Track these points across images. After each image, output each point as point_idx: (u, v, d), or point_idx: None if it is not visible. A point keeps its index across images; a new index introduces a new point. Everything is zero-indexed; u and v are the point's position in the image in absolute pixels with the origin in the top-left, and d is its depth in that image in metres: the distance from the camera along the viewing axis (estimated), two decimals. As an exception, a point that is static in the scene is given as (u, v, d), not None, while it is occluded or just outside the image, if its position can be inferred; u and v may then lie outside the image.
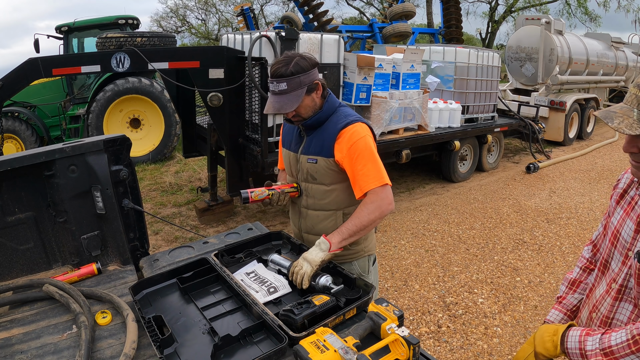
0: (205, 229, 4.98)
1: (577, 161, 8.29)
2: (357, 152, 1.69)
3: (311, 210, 1.86)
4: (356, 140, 1.70)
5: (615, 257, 1.28)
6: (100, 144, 1.86)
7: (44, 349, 1.34)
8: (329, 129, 1.76)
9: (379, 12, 21.18)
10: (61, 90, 7.97)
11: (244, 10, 10.74)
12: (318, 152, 1.77)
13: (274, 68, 1.68)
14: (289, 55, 1.70)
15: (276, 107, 1.68)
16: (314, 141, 1.79)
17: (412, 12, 11.13)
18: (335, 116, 1.78)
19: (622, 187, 1.32)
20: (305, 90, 1.69)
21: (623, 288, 1.22)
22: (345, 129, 1.72)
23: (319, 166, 1.77)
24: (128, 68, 3.98)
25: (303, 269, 1.54)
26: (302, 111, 1.72)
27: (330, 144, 1.74)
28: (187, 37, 25.07)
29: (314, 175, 1.80)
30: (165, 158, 7.99)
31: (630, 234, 1.21)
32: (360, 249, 1.94)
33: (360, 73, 4.84)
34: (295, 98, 1.67)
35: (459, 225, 5.14)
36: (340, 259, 1.91)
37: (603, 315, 1.27)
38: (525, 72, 9.89)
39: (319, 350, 1.10)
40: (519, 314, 3.36)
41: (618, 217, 1.28)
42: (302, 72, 1.66)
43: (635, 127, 1.06)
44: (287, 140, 1.94)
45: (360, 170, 1.69)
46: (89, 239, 1.89)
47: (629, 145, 1.12)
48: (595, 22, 21.85)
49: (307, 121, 1.76)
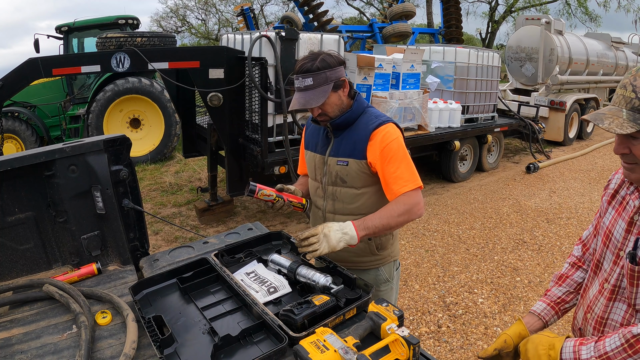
0: (205, 229, 4.99)
1: (577, 161, 8.29)
2: (390, 153, 1.64)
3: (339, 215, 1.78)
4: (390, 141, 1.65)
5: (607, 257, 1.28)
6: (100, 144, 1.85)
7: (44, 349, 1.34)
8: (359, 129, 1.70)
9: (379, 12, 21.18)
10: (61, 90, 7.97)
11: (244, 10, 10.75)
12: (349, 153, 1.70)
13: (300, 64, 1.64)
14: (315, 52, 1.67)
15: (301, 103, 1.62)
16: (344, 142, 1.72)
17: (412, 12, 11.13)
18: (365, 116, 1.72)
19: (614, 187, 1.33)
20: (332, 86, 1.63)
21: (616, 288, 1.23)
22: (378, 129, 1.66)
23: (350, 169, 1.70)
24: (128, 68, 3.98)
25: (320, 248, 1.49)
26: (328, 109, 1.67)
27: (362, 145, 1.67)
28: (187, 37, 25.12)
29: (344, 178, 1.73)
30: (165, 158, 8.00)
31: (622, 233, 1.22)
32: (387, 254, 1.86)
33: (360, 73, 4.84)
34: (322, 93, 1.62)
35: (459, 225, 5.14)
36: (366, 265, 1.84)
37: (598, 315, 1.28)
38: (525, 72, 9.89)
39: (319, 350, 1.10)
40: (519, 314, 3.36)
41: (610, 217, 1.29)
42: (329, 68, 1.61)
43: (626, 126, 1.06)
44: (312, 142, 1.86)
45: (393, 173, 1.64)
46: (89, 239, 1.89)
47: (620, 147, 1.13)
48: (595, 22, 21.87)
49: (335, 120, 1.70)
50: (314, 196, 1.89)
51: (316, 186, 1.86)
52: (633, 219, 1.20)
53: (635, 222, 1.19)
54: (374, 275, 1.87)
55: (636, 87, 1.06)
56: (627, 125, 1.06)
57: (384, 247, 1.83)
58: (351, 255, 1.81)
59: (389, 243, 1.85)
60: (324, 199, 1.82)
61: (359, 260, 1.83)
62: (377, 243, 1.81)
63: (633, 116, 1.06)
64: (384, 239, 1.83)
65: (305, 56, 1.66)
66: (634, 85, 1.06)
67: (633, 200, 1.22)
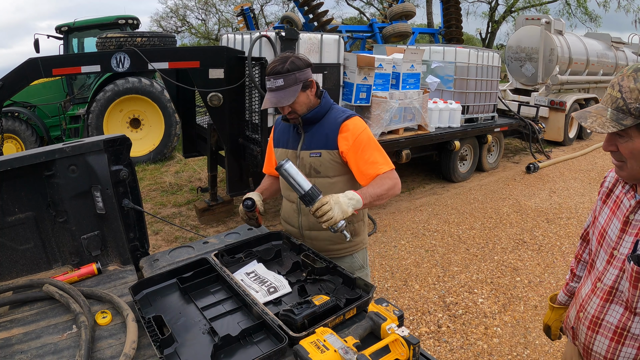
0: (205, 229, 4.99)
1: (577, 161, 8.29)
2: (362, 143, 1.78)
3: None
4: (360, 132, 1.80)
5: (600, 255, 1.29)
6: (100, 144, 1.85)
7: (44, 349, 1.34)
8: (329, 123, 1.84)
9: (379, 12, 21.17)
10: (61, 90, 7.97)
11: (244, 10, 10.74)
12: (322, 145, 1.83)
13: (271, 67, 1.77)
14: (285, 55, 1.80)
15: (273, 102, 1.75)
16: (316, 136, 1.85)
17: (412, 12, 11.12)
18: (333, 112, 1.87)
19: (608, 186, 1.35)
20: (301, 86, 1.76)
21: (614, 290, 1.23)
22: (347, 122, 1.82)
23: (323, 159, 1.83)
24: (128, 68, 3.98)
25: (334, 215, 1.56)
26: (297, 107, 1.79)
27: (333, 136, 1.82)
28: (187, 37, 25.10)
29: (318, 168, 1.85)
30: (165, 158, 7.99)
31: (617, 233, 1.23)
32: (360, 240, 2.01)
33: (360, 73, 4.84)
34: (292, 93, 1.75)
35: (459, 225, 5.14)
36: (342, 252, 1.97)
37: (592, 315, 1.28)
38: (525, 72, 9.89)
39: (319, 350, 1.10)
40: (519, 314, 3.35)
41: (605, 216, 1.30)
42: (298, 70, 1.75)
43: (607, 125, 1.08)
44: (282, 140, 1.98)
45: (368, 159, 1.77)
46: (89, 239, 1.89)
47: (608, 144, 1.15)
48: (595, 22, 21.85)
49: (306, 115, 1.82)
50: (286, 190, 1.98)
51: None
52: (629, 219, 1.20)
53: (630, 222, 1.20)
54: (349, 262, 2.00)
55: (622, 87, 1.07)
56: (609, 124, 1.08)
57: (357, 234, 1.98)
58: (328, 244, 1.94)
59: (362, 230, 2.01)
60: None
61: (335, 248, 1.96)
62: (351, 229, 1.94)
63: (616, 116, 1.08)
64: (357, 226, 1.98)
65: (276, 59, 1.80)
66: (621, 85, 1.08)
67: (628, 200, 1.22)
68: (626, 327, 1.20)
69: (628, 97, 1.06)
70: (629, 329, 1.19)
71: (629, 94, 1.05)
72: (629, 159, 1.12)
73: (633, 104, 1.05)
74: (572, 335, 1.41)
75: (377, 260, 4.24)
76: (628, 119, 1.06)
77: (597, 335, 1.27)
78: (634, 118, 1.05)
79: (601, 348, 1.26)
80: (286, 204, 2.01)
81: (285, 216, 2.04)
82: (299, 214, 1.94)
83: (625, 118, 1.06)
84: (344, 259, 1.99)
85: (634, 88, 1.05)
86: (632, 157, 1.11)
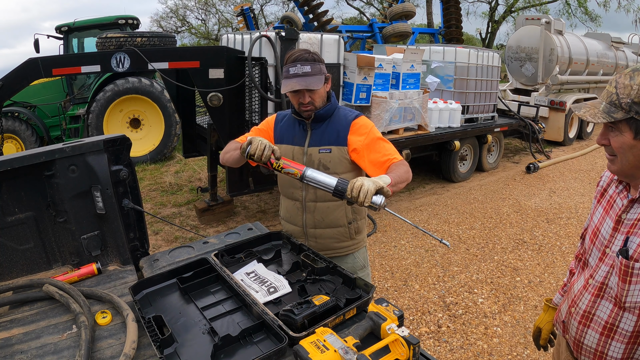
0: (205, 229, 4.98)
1: (577, 161, 8.29)
2: (375, 138, 1.84)
3: (320, 202, 1.90)
4: (370, 129, 1.86)
5: (593, 253, 1.34)
6: (100, 144, 1.85)
7: (44, 349, 1.34)
8: (339, 120, 1.88)
9: (379, 12, 21.17)
10: (61, 90, 7.97)
11: (244, 10, 10.74)
12: (333, 141, 1.85)
13: (297, 54, 1.77)
14: (303, 48, 1.83)
15: (302, 84, 1.74)
16: (326, 132, 1.87)
17: (412, 12, 11.11)
18: (341, 110, 1.92)
19: (603, 185, 1.41)
20: (324, 78, 1.79)
21: (604, 286, 1.27)
22: (356, 119, 1.87)
23: (333, 155, 1.85)
24: (128, 68, 3.98)
25: (366, 186, 1.45)
26: (317, 98, 1.81)
27: (344, 133, 1.85)
28: (187, 37, 25.08)
29: (327, 165, 1.85)
30: (165, 158, 7.99)
31: (609, 231, 1.27)
32: (361, 238, 2.03)
33: (360, 73, 4.83)
34: (319, 80, 1.77)
35: (459, 225, 5.14)
36: (344, 250, 1.98)
37: (583, 310, 1.33)
38: (525, 72, 9.89)
39: (319, 350, 1.10)
40: (519, 314, 3.36)
41: (599, 215, 1.36)
42: (321, 62, 1.80)
43: (598, 116, 1.15)
44: (286, 136, 1.96)
45: (381, 151, 1.81)
46: (89, 239, 1.89)
47: (602, 137, 1.21)
48: (595, 22, 21.82)
49: (319, 111, 1.84)
50: (290, 188, 1.96)
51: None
52: (621, 218, 1.25)
53: (622, 221, 1.24)
54: (351, 262, 2.01)
55: (618, 84, 1.14)
56: (600, 115, 1.15)
57: (359, 231, 2.00)
58: (333, 242, 1.94)
59: (363, 227, 2.03)
60: (303, 189, 1.91)
61: (339, 246, 1.98)
62: (355, 227, 1.97)
63: (609, 109, 1.14)
64: (360, 223, 2.00)
65: (297, 49, 1.82)
66: (617, 82, 1.15)
67: (621, 199, 1.27)
68: (615, 323, 1.25)
69: (621, 93, 1.12)
70: (618, 324, 1.24)
71: (622, 90, 1.12)
72: (619, 153, 1.17)
73: (624, 99, 1.11)
74: (563, 328, 1.46)
75: (377, 260, 4.24)
76: (619, 112, 1.12)
77: (588, 329, 1.32)
78: (624, 112, 1.11)
79: (592, 342, 1.31)
80: (289, 203, 1.99)
81: (286, 216, 2.03)
82: (304, 212, 1.93)
83: (616, 111, 1.13)
84: (346, 258, 1.99)
85: (628, 84, 1.11)
86: (622, 152, 1.16)
